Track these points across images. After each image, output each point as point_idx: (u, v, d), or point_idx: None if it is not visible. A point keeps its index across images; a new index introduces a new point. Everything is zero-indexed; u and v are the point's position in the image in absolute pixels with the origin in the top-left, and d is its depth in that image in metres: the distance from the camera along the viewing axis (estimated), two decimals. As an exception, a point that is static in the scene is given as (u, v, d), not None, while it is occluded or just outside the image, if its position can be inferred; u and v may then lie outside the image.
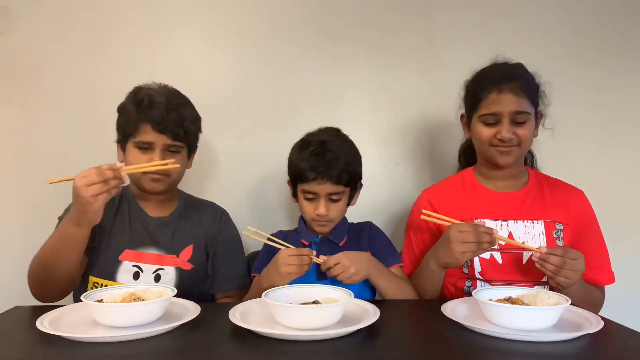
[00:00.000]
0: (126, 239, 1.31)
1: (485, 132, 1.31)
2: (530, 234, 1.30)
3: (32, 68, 1.64)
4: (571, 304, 0.95)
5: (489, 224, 1.29)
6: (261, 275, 1.22)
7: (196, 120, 1.37)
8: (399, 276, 1.30)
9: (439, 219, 1.20)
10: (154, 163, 1.22)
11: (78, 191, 1.03)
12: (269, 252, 1.27)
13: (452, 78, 1.46)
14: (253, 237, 1.21)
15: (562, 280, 1.11)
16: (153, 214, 1.36)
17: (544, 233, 1.30)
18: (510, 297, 1.05)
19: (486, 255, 1.29)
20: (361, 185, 1.40)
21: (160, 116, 1.27)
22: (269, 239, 1.24)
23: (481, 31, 1.76)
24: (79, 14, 1.65)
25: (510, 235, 1.30)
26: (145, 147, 1.28)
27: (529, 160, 1.49)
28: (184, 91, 1.36)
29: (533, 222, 1.31)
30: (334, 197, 1.29)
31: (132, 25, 1.66)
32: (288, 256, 1.14)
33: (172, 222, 1.37)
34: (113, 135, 1.35)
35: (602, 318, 0.96)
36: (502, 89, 1.27)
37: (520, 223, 1.31)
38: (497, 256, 1.30)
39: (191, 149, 1.40)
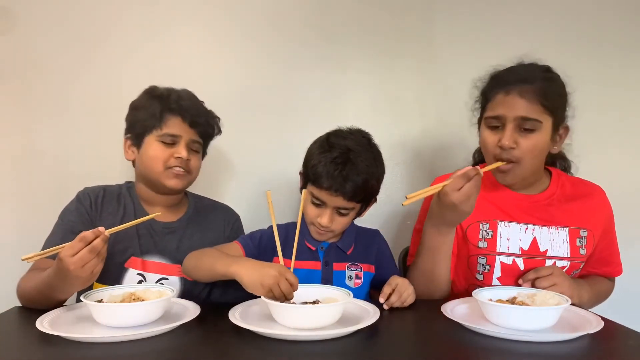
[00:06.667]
0: (132, 245, 1.25)
1: (488, 137, 1.21)
2: (554, 241, 1.25)
3: (33, 68, 1.63)
4: (583, 305, 0.94)
5: (513, 227, 1.26)
6: (238, 259, 1.09)
7: (219, 121, 1.36)
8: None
9: (425, 192, 1.10)
10: (138, 220, 1.13)
11: (65, 264, 0.96)
12: (263, 237, 1.25)
13: (452, 78, 1.47)
14: (270, 204, 1.10)
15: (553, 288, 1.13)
16: (159, 219, 1.28)
17: (568, 241, 1.25)
18: (511, 297, 1.05)
19: (508, 260, 1.24)
20: (375, 200, 1.30)
21: (194, 109, 1.27)
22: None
23: (481, 31, 1.76)
24: (79, 14, 1.64)
25: (534, 240, 1.25)
26: (170, 142, 1.24)
27: (562, 165, 1.39)
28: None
29: (558, 229, 1.26)
30: (342, 211, 1.20)
31: (133, 25, 1.66)
32: (285, 277, 0.98)
33: (179, 229, 1.31)
34: (113, 135, 1.35)
35: (602, 318, 0.96)
36: (509, 90, 1.16)
37: (545, 229, 1.26)
38: (519, 262, 1.24)
39: (204, 151, 1.37)
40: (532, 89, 1.15)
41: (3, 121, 1.63)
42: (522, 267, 1.25)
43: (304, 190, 1.20)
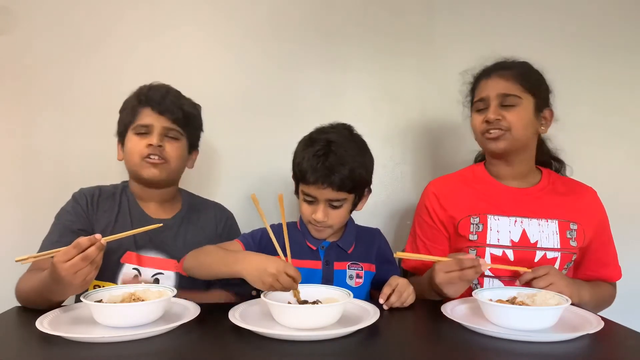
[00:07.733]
0: (128, 241, 1.26)
1: (476, 118, 1.31)
2: (544, 233, 1.27)
3: (32, 68, 1.63)
4: (583, 305, 0.94)
5: (502, 220, 1.29)
6: (240, 257, 1.08)
7: (197, 106, 1.36)
8: None
9: (416, 257, 1.25)
10: (136, 230, 1.12)
11: (58, 270, 0.95)
12: (264, 236, 1.25)
13: (452, 77, 1.46)
14: (257, 206, 1.10)
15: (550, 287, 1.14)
16: (154, 216, 1.32)
17: (558, 232, 1.27)
18: (511, 297, 1.05)
19: (498, 252, 1.27)
20: (369, 190, 1.31)
21: (160, 97, 1.27)
22: (274, 231, 1.14)
23: (481, 30, 1.76)
24: (79, 14, 1.64)
25: (524, 232, 1.27)
26: (144, 132, 1.26)
27: (556, 167, 1.43)
28: (183, 91, 1.36)
29: (547, 221, 1.28)
30: (335, 203, 1.21)
31: (132, 25, 1.66)
32: (285, 272, 0.99)
33: (174, 226, 1.33)
34: (113, 135, 1.35)
35: (602, 318, 0.96)
36: (491, 75, 1.31)
37: (534, 221, 1.28)
38: (510, 253, 1.26)
39: (192, 143, 1.37)
40: (511, 73, 1.29)
41: (3, 121, 1.63)
42: (512, 257, 1.27)
43: (279, 194, 1.17)
